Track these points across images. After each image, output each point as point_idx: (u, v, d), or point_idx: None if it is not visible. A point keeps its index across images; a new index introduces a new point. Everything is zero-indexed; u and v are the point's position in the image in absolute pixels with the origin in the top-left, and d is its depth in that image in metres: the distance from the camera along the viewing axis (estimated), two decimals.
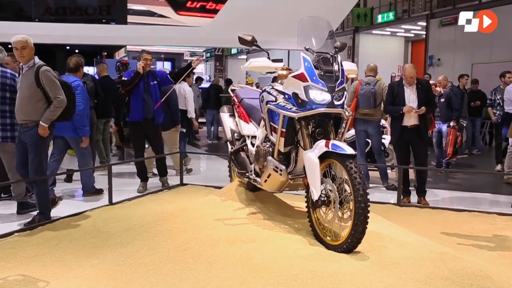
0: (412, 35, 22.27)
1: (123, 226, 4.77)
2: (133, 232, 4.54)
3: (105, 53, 11.84)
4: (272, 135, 4.06)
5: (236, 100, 4.91)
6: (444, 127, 8.74)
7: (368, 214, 3.41)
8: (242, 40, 4.09)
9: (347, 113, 3.88)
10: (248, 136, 4.67)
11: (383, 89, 6.99)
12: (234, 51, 31.82)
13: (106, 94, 8.14)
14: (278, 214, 4.43)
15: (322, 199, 3.58)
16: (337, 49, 3.92)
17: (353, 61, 21.49)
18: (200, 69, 34.97)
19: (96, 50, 12.77)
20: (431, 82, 9.29)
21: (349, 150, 3.48)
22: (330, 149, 3.52)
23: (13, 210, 5.67)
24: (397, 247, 3.69)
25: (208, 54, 34.67)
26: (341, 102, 3.75)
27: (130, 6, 24.45)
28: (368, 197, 3.45)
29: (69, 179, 7.45)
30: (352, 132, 7.68)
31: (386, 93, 6.61)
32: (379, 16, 20.93)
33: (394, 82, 6.64)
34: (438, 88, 9.07)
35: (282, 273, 3.20)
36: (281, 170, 3.96)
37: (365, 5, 22.29)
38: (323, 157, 3.65)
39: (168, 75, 6.72)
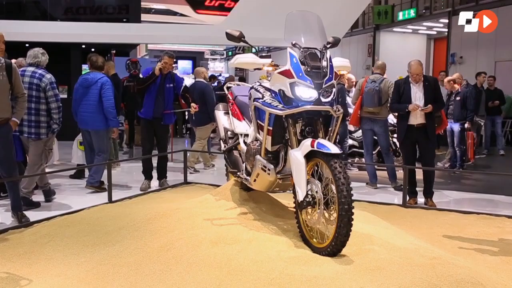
0: (434, 32, 21.78)
1: (116, 225, 4.73)
2: (124, 231, 4.50)
3: (114, 51, 11.88)
4: (259, 134, 3.95)
5: (230, 97, 4.82)
6: (456, 126, 8.48)
7: (353, 216, 3.27)
8: (229, 36, 3.99)
9: (337, 111, 3.75)
10: (241, 134, 4.57)
11: (389, 87, 6.81)
12: (253, 49, 31.75)
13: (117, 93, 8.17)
14: (269, 215, 4.32)
15: (307, 199, 3.46)
16: (327, 45, 3.78)
17: (373, 60, 21.20)
18: (221, 68, 34.97)
19: (108, 48, 12.84)
20: (449, 78, 9.06)
21: (334, 149, 3.35)
22: (315, 148, 3.40)
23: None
24: (387, 251, 3.54)
25: (230, 53, 34.62)
26: (329, 99, 3.62)
27: (151, 5, 24.71)
28: (353, 197, 3.30)
29: (79, 175, 7.46)
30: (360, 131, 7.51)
31: (392, 91, 6.42)
32: (400, 14, 20.52)
33: (401, 79, 6.44)
34: (456, 85, 8.79)
35: (260, 276, 3.10)
36: (269, 170, 3.85)
37: (386, 3, 21.92)
38: (310, 157, 3.53)
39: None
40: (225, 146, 4.77)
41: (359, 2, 11.86)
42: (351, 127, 8.75)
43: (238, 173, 4.45)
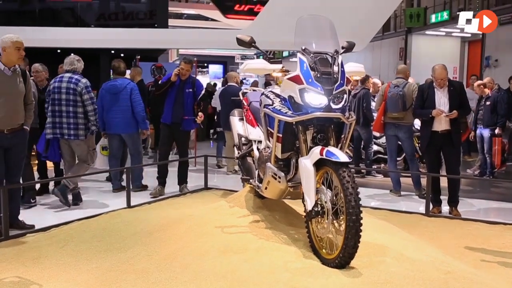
0: (469, 35, 21.18)
1: (130, 231, 4.74)
2: (137, 237, 4.50)
3: (139, 57, 12.03)
4: (269, 140, 3.88)
5: (245, 103, 4.76)
6: (486, 132, 8.18)
7: (361, 227, 3.16)
8: (240, 41, 3.94)
9: (350, 117, 3.64)
10: (255, 141, 4.50)
11: (413, 91, 6.62)
12: (285, 53, 31.61)
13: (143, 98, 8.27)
14: (282, 223, 4.24)
15: (316, 209, 3.37)
16: (341, 50, 3.68)
17: (405, 63, 20.78)
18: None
19: (135, 53, 13.03)
20: (479, 82, 8.77)
21: (343, 158, 3.25)
22: (324, 156, 3.30)
23: (34, 212, 5.80)
24: (399, 263, 3.41)
25: (261, 57, 34.63)
26: (340, 106, 3.51)
27: (182, 10, 24.99)
28: (361, 208, 3.18)
29: (109, 179, 7.54)
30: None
31: (415, 96, 6.24)
32: (433, 16, 20.06)
33: (424, 84, 6.25)
34: (486, 90, 8.50)
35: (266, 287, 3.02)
36: (279, 177, 3.77)
37: (418, 5, 21.48)
38: (320, 165, 3.44)
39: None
40: (238, 153, 4.72)
41: (387, 5, 11.62)
42: (376, 133, 8.55)
43: (251, 180, 4.39)
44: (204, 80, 19.93)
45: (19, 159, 4.93)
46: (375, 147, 8.69)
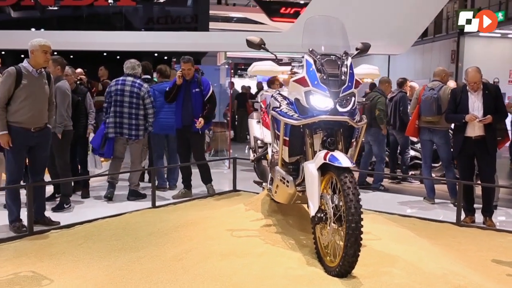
0: None
1: (147, 231, 4.80)
2: (152, 237, 4.55)
3: (174, 60, 12.18)
4: (276, 144, 3.81)
5: (263, 106, 4.71)
6: None
7: (361, 236, 3.03)
8: (249, 43, 3.90)
9: (361, 121, 3.52)
10: (270, 144, 4.44)
11: (448, 95, 6.33)
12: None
13: None
14: (294, 228, 4.16)
15: (319, 215, 3.27)
16: (348, 52, 3.56)
17: (457, 67, 20.08)
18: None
19: (179, 56, 13.21)
20: None
21: (346, 163, 3.14)
22: (327, 161, 3.20)
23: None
24: (407, 275, 3.26)
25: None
26: (347, 109, 3.40)
27: (229, 14, 25.23)
28: (362, 216, 3.05)
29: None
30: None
31: (448, 100, 5.97)
32: None
33: (457, 87, 5.96)
34: None
35: None
36: (288, 182, 3.69)
37: (472, 6, 20.65)
38: (326, 170, 3.34)
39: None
40: (254, 156, 4.67)
41: (430, 9, 11.19)
42: (414, 138, 8.25)
43: (264, 184, 4.33)
44: (252, 83, 19.95)
45: (43, 158, 5.10)
46: (412, 152, 8.40)
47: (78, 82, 7.37)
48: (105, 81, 9.27)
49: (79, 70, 9.67)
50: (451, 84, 7.41)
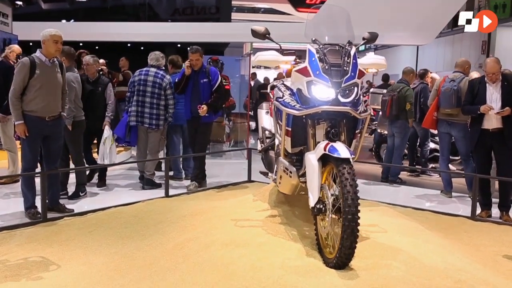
0: None
1: (157, 219, 4.86)
2: (160, 225, 4.61)
3: None
4: (279, 134, 3.79)
5: (272, 96, 4.68)
6: None
7: (358, 227, 2.99)
8: (254, 33, 3.87)
9: (366, 111, 3.46)
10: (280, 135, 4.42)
11: None
12: (362, 48, 30.83)
13: None
14: (299, 219, 4.15)
15: (318, 206, 3.24)
16: (352, 42, 3.50)
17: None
18: None
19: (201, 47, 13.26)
20: None
21: (344, 154, 3.10)
22: (327, 152, 3.17)
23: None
24: (406, 268, 3.21)
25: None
26: (349, 99, 3.35)
27: (255, 4, 25.16)
28: (359, 207, 3.01)
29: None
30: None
31: (466, 91, 5.82)
32: None
33: (476, 79, 5.80)
34: None
35: (252, 283, 2.98)
36: (291, 172, 3.68)
37: None
38: (327, 160, 3.31)
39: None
40: (261, 146, 4.66)
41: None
42: (434, 130, 8.08)
43: (270, 174, 4.32)
44: (276, 73, 19.89)
45: (58, 146, 5.20)
46: (432, 145, 8.23)
47: (100, 72, 7.49)
48: (126, 72, 9.37)
49: (101, 60, 9.82)
50: (475, 75, 7.20)
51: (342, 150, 3.12)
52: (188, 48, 6.39)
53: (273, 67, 3.74)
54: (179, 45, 12.94)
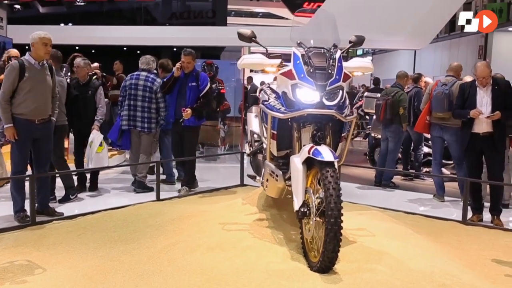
0: None
1: (146, 223, 4.84)
2: (149, 229, 4.59)
3: None
4: (265, 137, 3.78)
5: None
6: None
7: (341, 231, 2.98)
8: (241, 36, 3.87)
9: (351, 114, 3.46)
10: (266, 138, 4.41)
11: None
12: (359, 52, 30.85)
13: None
14: (286, 223, 4.13)
15: (303, 209, 3.23)
16: (337, 45, 3.50)
17: None
18: None
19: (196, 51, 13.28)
20: None
21: (328, 157, 3.09)
22: (311, 155, 3.16)
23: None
24: (391, 272, 3.20)
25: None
26: (334, 102, 3.34)
27: (253, 9, 25.22)
28: (342, 211, 3.00)
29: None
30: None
31: (456, 95, 5.82)
32: None
33: (466, 82, 5.80)
34: None
35: (236, 287, 2.95)
36: (277, 176, 3.67)
37: (502, 0, 20.06)
38: (313, 164, 3.29)
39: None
40: (250, 150, 4.65)
41: (450, 4, 10.97)
42: (427, 134, 8.08)
43: (257, 178, 4.31)
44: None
45: (47, 150, 5.18)
46: (425, 149, 8.22)
47: (94, 76, 7.45)
48: (120, 75, 9.37)
49: (95, 64, 9.82)
50: (469, 79, 7.19)
51: (325, 154, 3.11)
52: (182, 51, 6.32)
53: (259, 70, 3.71)
54: (175, 49, 12.95)
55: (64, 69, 6.87)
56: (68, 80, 6.33)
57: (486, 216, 5.60)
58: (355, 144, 13.23)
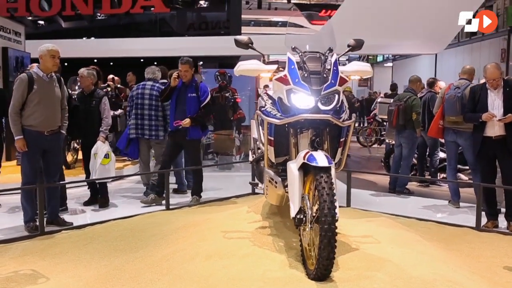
0: None
1: (152, 232, 4.84)
2: (154, 238, 4.59)
3: (201, 63, 12.32)
4: (262, 144, 3.75)
5: None
6: None
7: (336, 237, 2.92)
8: (237, 43, 3.86)
9: (349, 119, 3.40)
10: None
11: None
12: (380, 58, 30.63)
13: None
14: (289, 230, 4.07)
15: (299, 216, 3.18)
16: (332, 49, 3.45)
17: (507, 65, 19.15)
18: None
19: (213, 61, 13.36)
20: None
21: (322, 162, 3.03)
22: (306, 161, 3.11)
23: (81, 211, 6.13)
24: (391, 280, 3.11)
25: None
26: (330, 107, 3.29)
27: (272, 18, 25.31)
28: (337, 217, 2.94)
29: None
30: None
31: (467, 98, 5.68)
32: None
33: (477, 85, 5.66)
34: None
35: None
36: (276, 182, 3.63)
37: None
38: (310, 170, 3.25)
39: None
40: (253, 157, 4.63)
41: (467, 8, 10.76)
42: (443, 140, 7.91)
43: (259, 185, 4.27)
44: None
45: (57, 161, 5.26)
46: (441, 154, 8.05)
47: (106, 86, 7.51)
48: (133, 87, 9.50)
49: (110, 76, 9.97)
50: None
51: (320, 159, 3.06)
52: (179, 59, 6.23)
53: (255, 76, 3.70)
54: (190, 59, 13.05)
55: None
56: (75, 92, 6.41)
57: (505, 223, 5.44)
58: (372, 151, 13.09)
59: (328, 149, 3.41)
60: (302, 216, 3.17)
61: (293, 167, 3.25)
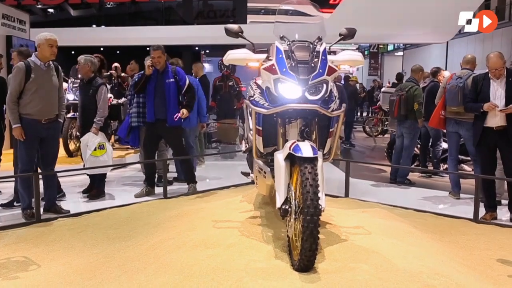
0: None
1: (146, 221, 4.85)
2: (146, 227, 4.60)
3: (203, 52, 12.26)
4: (250, 134, 3.72)
5: None
6: None
7: (318, 228, 2.88)
8: (227, 31, 3.82)
9: (336, 110, 3.35)
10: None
11: None
12: (390, 47, 30.28)
13: (206, 93, 8.44)
14: (279, 220, 4.04)
15: (284, 207, 3.15)
16: (321, 38, 3.39)
17: None
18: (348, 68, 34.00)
19: (218, 49, 13.30)
20: None
21: (307, 153, 3.00)
22: (291, 151, 3.08)
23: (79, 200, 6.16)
24: (375, 271, 3.08)
25: (366, 52, 33.51)
26: (318, 97, 3.25)
27: (282, 6, 25.04)
28: (320, 207, 2.90)
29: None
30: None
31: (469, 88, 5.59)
32: None
33: (479, 75, 5.55)
34: None
35: (211, 285, 2.91)
36: (265, 172, 3.60)
37: None
38: (295, 160, 3.21)
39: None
40: (246, 146, 4.60)
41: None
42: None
43: (251, 175, 4.25)
44: None
45: (54, 149, 5.28)
46: (444, 145, 7.95)
47: (109, 75, 7.48)
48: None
49: (115, 64, 9.97)
50: None
51: (305, 149, 3.02)
52: (150, 46, 5.98)
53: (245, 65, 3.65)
54: (196, 48, 13.00)
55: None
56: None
57: (506, 215, 5.37)
58: (378, 140, 12.97)
59: (317, 139, 3.37)
60: (287, 207, 3.15)
61: (279, 158, 3.22)
